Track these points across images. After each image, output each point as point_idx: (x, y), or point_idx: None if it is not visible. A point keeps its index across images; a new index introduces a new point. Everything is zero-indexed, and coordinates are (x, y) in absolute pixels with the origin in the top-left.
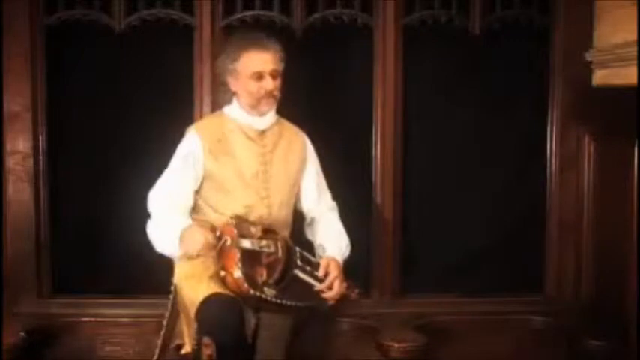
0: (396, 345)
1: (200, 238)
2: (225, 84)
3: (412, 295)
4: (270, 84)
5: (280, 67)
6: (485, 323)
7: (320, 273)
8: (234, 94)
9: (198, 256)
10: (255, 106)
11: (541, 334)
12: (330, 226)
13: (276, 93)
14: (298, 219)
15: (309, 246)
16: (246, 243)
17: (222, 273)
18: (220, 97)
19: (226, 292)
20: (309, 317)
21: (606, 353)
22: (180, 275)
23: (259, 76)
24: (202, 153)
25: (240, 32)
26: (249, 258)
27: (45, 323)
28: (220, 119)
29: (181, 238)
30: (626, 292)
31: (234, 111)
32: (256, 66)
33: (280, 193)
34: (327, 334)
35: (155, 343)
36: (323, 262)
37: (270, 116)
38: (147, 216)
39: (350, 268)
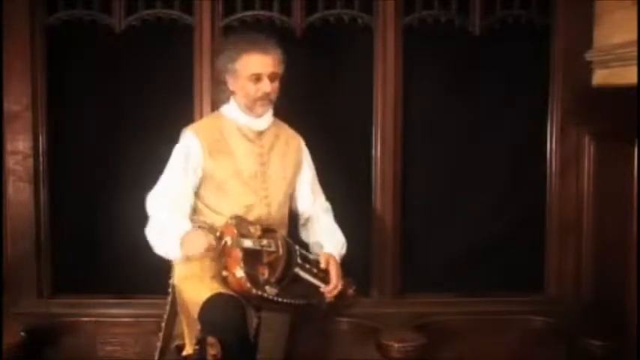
0: (396, 345)
1: (202, 241)
2: (223, 83)
3: (412, 295)
4: (267, 87)
5: (279, 70)
6: (485, 323)
7: (322, 265)
8: (231, 93)
9: (198, 257)
10: (251, 108)
11: (541, 334)
12: (326, 225)
13: (273, 96)
14: (293, 219)
15: (304, 246)
16: (247, 242)
17: (225, 273)
18: (218, 95)
19: (229, 291)
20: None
21: (606, 353)
22: (180, 276)
23: (258, 78)
24: (201, 153)
25: (240, 32)
26: (251, 257)
27: (45, 323)
28: (218, 120)
29: (183, 242)
30: (626, 292)
31: (232, 111)
32: (255, 68)
33: (278, 192)
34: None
35: (155, 344)
36: (323, 257)
37: (268, 117)
38: (146, 215)
39: (350, 268)
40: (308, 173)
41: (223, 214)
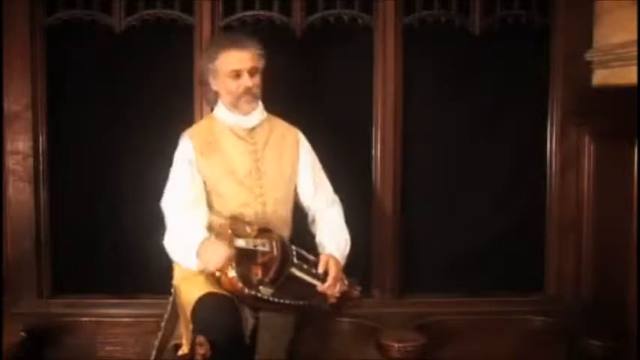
0: (396, 345)
1: (221, 253)
2: (206, 84)
3: (412, 295)
4: (248, 81)
5: (259, 64)
6: (485, 323)
7: (320, 269)
8: (216, 94)
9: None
10: (235, 105)
11: (541, 334)
12: (330, 223)
13: (256, 90)
14: (302, 217)
15: (310, 244)
16: (240, 242)
17: (218, 273)
18: (204, 96)
19: (221, 291)
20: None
21: (606, 353)
22: (178, 276)
23: (237, 75)
24: (195, 156)
25: (222, 34)
26: (245, 257)
27: (45, 323)
28: (210, 122)
29: (199, 253)
30: (626, 292)
31: (221, 112)
32: (234, 64)
33: (275, 189)
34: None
35: (154, 344)
36: (323, 259)
37: (258, 113)
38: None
39: (350, 268)
40: (307, 165)
41: (220, 213)
